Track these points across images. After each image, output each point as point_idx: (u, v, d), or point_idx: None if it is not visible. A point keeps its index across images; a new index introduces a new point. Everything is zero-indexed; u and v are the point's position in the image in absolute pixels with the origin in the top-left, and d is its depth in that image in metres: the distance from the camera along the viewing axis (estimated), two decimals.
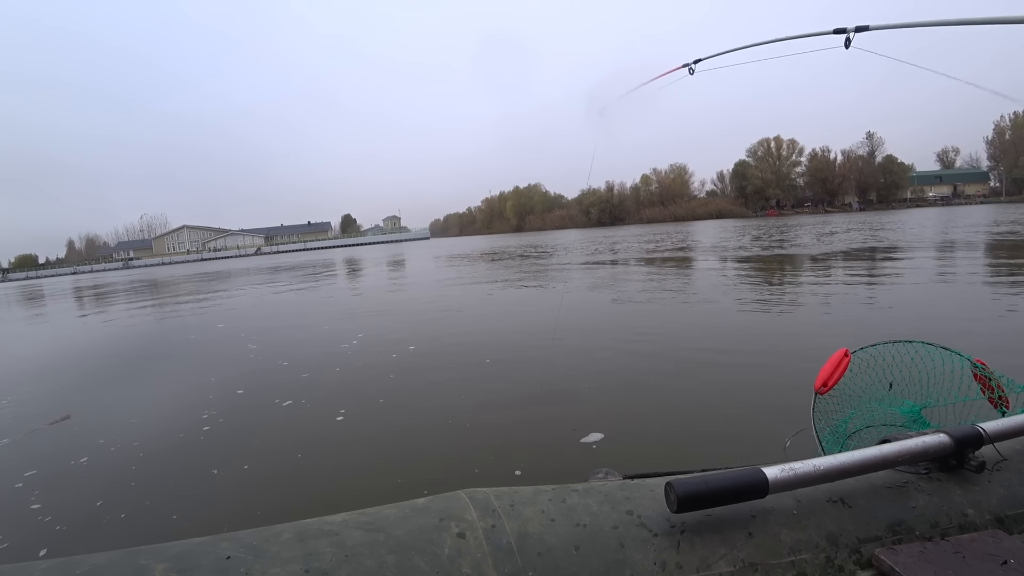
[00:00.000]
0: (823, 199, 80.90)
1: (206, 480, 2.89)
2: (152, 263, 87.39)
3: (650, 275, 11.56)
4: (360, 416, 3.74)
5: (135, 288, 23.14)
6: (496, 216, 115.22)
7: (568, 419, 3.35)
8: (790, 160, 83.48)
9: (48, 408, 4.46)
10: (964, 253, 11.66)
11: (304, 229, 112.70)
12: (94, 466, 3.21)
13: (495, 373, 4.54)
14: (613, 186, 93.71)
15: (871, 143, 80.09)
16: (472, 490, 0.79)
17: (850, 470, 0.74)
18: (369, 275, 19.32)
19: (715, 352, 4.66)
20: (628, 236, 34.48)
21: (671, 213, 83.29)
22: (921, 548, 0.70)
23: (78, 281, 41.91)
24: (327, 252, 63.59)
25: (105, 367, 6.35)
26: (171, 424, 3.80)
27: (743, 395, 3.57)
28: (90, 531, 2.46)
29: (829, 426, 1.32)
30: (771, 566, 0.68)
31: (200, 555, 0.63)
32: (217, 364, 5.84)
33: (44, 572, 0.60)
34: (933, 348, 1.28)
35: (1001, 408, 1.15)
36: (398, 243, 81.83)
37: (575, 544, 0.68)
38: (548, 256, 20.74)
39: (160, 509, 2.62)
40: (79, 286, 31.64)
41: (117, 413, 4.23)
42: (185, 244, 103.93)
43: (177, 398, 4.56)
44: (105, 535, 2.42)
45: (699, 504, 0.68)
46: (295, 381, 4.72)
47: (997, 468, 0.82)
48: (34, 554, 2.26)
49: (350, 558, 0.64)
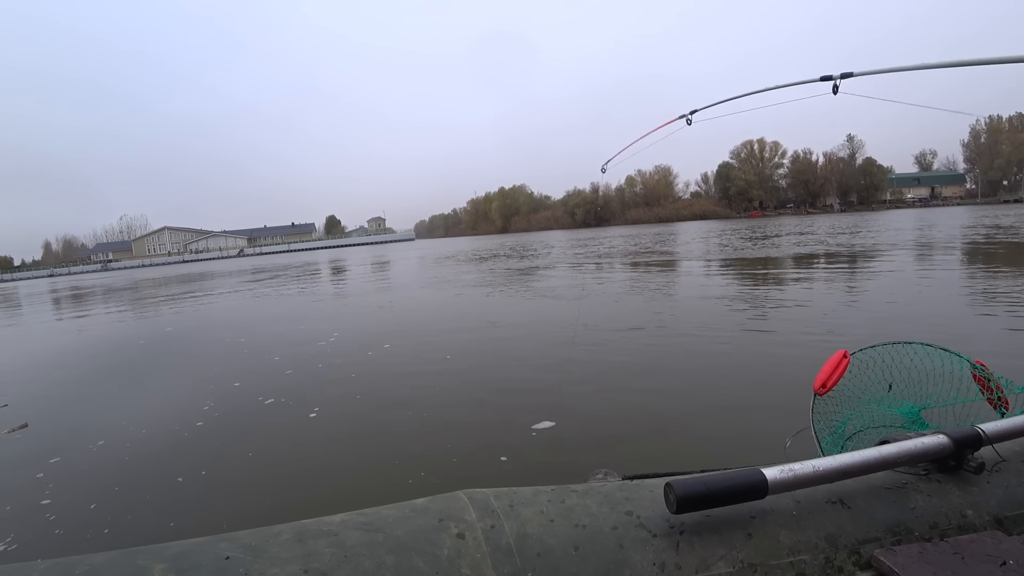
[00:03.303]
0: (805, 200, 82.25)
1: (190, 484, 2.84)
2: (132, 265, 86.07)
3: (638, 277, 11.64)
4: (335, 411, 3.86)
5: (112, 291, 22.75)
6: (481, 217, 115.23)
7: (529, 409, 3.51)
8: (773, 162, 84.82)
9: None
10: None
11: (288, 230, 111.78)
12: (65, 470, 3.15)
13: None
14: (598, 187, 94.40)
15: (852, 146, 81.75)
16: (471, 490, 0.78)
17: (849, 471, 0.74)
18: (351, 280, 19.20)
19: (715, 352, 4.68)
20: (614, 236, 34.71)
21: (656, 214, 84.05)
22: (920, 549, 0.70)
23: (55, 284, 41.13)
24: (311, 254, 63.16)
25: (75, 371, 6.22)
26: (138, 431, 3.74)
27: (743, 394, 3.59)
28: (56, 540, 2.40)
29: (828, 427, 1.31)
30: (770, 567, 0.68)
31: (199, 555, 0.63)
32: (206, 363, 5.77)
33: (43, 572, 0.59)
34: (932, 349, 1.28)
35: (1000, 409, 1.15)
36: (383, 244, 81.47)
37: (574, 545, 0.68)
38: (533, 257, 20.81)
39: (156, 509, 2.59)
40: (56, 288, 31.07)
41: (83, 417, 4.17)
42: (166, 246, 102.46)
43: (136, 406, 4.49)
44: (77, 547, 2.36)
45: (698, 505, 0.68)
46: (280, 378, 4.74)
47: (996, 469, 0.82)
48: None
49: (349, 558, 0.64)
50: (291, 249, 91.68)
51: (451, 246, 46.27)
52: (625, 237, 33.20)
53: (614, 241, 28.74)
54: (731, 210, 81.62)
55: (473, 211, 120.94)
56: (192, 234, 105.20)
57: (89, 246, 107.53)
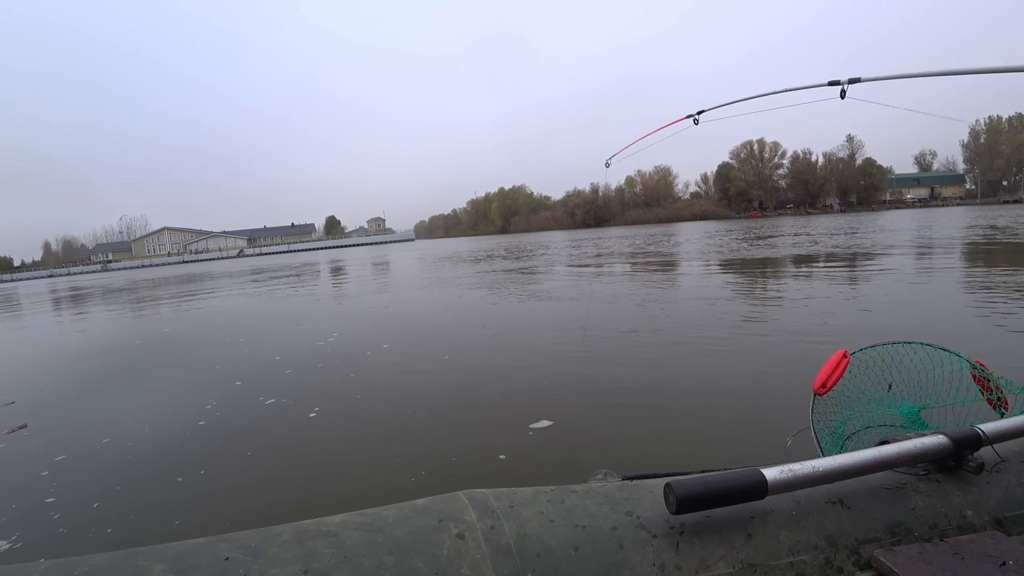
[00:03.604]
0: (805, 201, 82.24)
1: (192, 483, 2.84)
2: (132, 265, 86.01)
3: (644, 278, 11.64)
4: (334, 411, 3.88)
5: (111, 292, 22.73)
6: (481, 218, 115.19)
7: (527, 408, 3.55)
8: (772, 162, 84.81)
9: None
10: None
11: (287, 231, 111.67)
12: (70, 468, 3.15)
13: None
14: (598, 187, 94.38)
15: (851, 146, 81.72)
16: (471, 491, 0.79)
17: (849, 471, 0.74)
18: (351, 281, 19.19)
19: (714, 352, 4.68)
20: (613, 237, 34.70)
21: (655, 214, 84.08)
22: (920, 549, 0.70)
23: (55, 284, 41.11)
24: (310, 254, 63.16)
25: (77, 370, 6.22)
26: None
27: (742, 394, 3.59)
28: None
29: (828, 427, 1.31)
30: (770, 567, 0.68)
31: (199, 556, 0.63)
32: (206, 363, 5.78)
33: (43, 572, 0.60)
34: (932, 349, 1.28)
35: (1000, 409, 1.15)
36: (382, 245, 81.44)
37: (574, 545, 0.68)
38: (532, 258, 20.80)
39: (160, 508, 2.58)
40: (56, 289, 31.04)
41: (86, 415, 4.16)
42: (166, 246, 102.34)
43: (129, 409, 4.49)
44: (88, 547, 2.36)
45: (698, 505, 0.68)
46: (280, 378, 4.79)
47: (996, 469, 0.82)
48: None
49: (349, 559, 0.64)
50: (291, 250, 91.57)
51: (450, 247, 46.26)
52: (623, 238, 33.19)
53: (613, 242, 28.73)
54: (731, 210, 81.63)
55: (473, 211, 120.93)
56: (192, 235, 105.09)
57: (89, 247, 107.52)
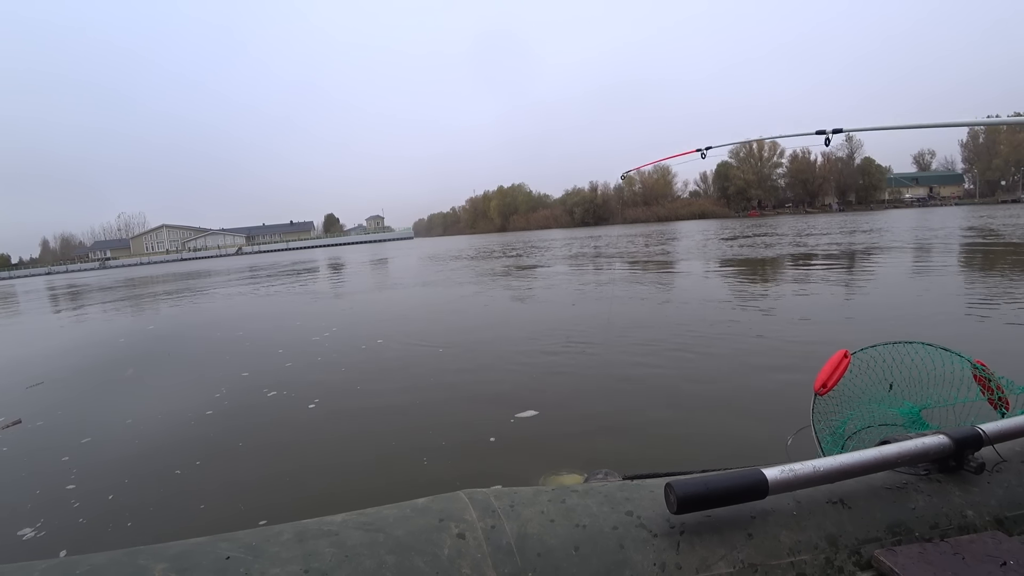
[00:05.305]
0: (804, 200, 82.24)
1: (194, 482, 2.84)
2: (130, 263, 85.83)
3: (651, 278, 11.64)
4: (333, 405, 3.96)
5: (110, 289, 22.71)
6: (480, 216, 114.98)
7: (517, 401, 3.64)
8: (771, 161, 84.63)
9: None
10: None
11: (286, 229, 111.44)
12: (84, 456, 3.19)
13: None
14: (597, 186, 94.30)
15: (850, 145, 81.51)
16: (472, 490, 0.79)
17: (850, 471, 0.74)
18: (349, 278, 19.18)
19: (714, 352, 4.66)
20: (612, 235, 34.70)
21: (654, 213, 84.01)
22: (921, 549, 0.70)
23: (52, 281, 41.05)
24: (309, 252, 63.10)
25: (81, 364, 6.21)
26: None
27: (742, 394, 3.59)
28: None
29: (829, 427, 1.31)
30: (771, 567, 0.68)
31: (199, 555, 0.63)
32: (207, 361, 5.78)
33: (44, 572, 0.60)
34: (933, 349, 1.28)
35: (1001, 409, 1.15)
36: (381, 243, 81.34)
37: (575, 545, 0.68)
38: (530, 255, 20.80)
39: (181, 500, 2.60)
40: (53, 286, 31.00)
41: (86, 410, 4.17)
42: (164, 244, 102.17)
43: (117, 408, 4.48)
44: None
45: (699, 505, 0.68)
46: (281, 373, 4.91)
47: (996, 469, 0.82)
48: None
49: (350, 558, 0.64)
50: (289, 247, 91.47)
51: (449, 244, 46.25)
52: (623, 236, 33.18)
53: (612, 240, 28.73)
54: (730, 210, 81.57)
55: (472, 210, 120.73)
56: (190, 232, 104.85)
57: (87, 244, 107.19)
